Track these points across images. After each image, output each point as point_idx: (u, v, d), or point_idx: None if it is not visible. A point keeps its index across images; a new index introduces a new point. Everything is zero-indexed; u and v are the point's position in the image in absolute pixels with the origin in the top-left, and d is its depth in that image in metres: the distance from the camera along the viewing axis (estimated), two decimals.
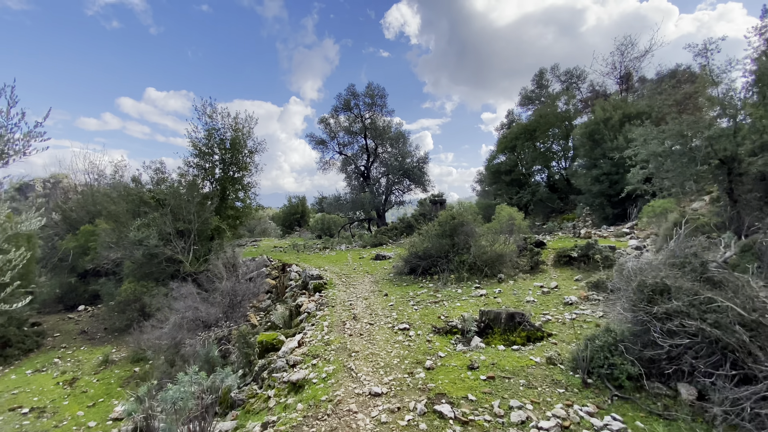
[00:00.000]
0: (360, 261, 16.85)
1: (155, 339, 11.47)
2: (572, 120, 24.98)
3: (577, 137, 20.03)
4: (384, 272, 13.89)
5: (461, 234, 12.02)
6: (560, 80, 33.76)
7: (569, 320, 7.57)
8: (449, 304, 9.06)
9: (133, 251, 15.00)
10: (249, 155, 17.98)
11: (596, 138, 19.32)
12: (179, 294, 12.67)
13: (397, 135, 27.32)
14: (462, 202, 12.95)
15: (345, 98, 26.38)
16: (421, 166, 27.21)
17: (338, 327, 7.84)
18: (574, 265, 11.85)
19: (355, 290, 11.38)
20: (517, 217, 12.56)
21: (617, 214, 19.33)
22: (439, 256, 12.30)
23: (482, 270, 11.39)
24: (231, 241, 16.84)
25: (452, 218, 11.98)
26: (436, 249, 12.22)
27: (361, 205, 28.15)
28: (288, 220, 38.70)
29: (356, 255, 18.95)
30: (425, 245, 12.40)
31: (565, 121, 24.76)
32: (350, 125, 27.30)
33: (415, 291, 10.63)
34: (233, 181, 17.89)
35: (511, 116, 37.09)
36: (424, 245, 12.43)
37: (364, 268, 14.98)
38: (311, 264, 16.97)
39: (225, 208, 16.92)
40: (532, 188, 24.16)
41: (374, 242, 22.61)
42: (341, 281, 12.97)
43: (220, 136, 17.29)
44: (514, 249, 11.99)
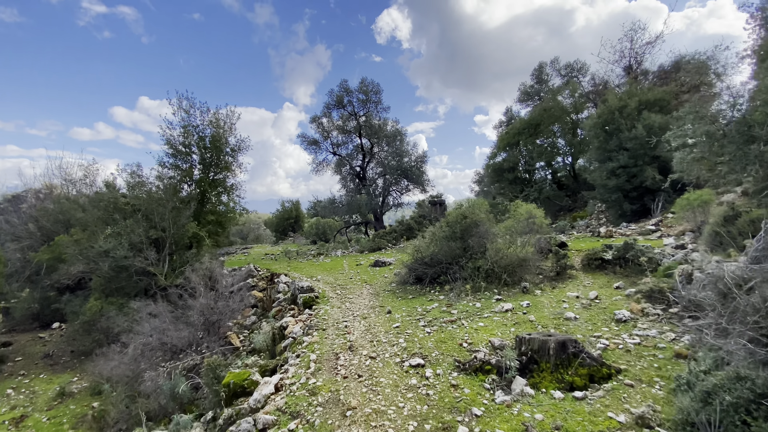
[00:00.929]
0: (357, 268, 14.89)
1: (111, 369, 9.43)
2: (579, 112, 23.22)
3: (588, 129, 18.23)
4: (385, 281, 11.94)
5: (474, 236, 10.09)
6: (560, 74, 32.06)
7: (633, 346, 5.66)
8: (469, 324, 7.11)
9: (98, 263, 12.95)
10: (231, 154, 16.03)
11: (610, 128, 17.52)
12: (146, 314, 10.64)
13: (394, 133, 25.45)
14: (471, 200, 11.07)
15: (338, 94, 24.51)
16: (420, 165, 25.36)
17: (329, 362, 5.88)
18: (607, 269, 9.96)
19: (352, 305, 9.42)
20: (538, 215, 10.68)
21: (635, 210, 17.50)
22: (449, 262, 10.37)
23: (501, 278, 9.46)
24: (212, 250, 14.83)
25: (463, 217, 10.07)
26: (445, 254, 10.29)
27: (358, 208, 26.21)
28: (281, 226, 36.65)
29: (353, 261, 16.99)
30: (432, 250, 10.47)
31: (571, 114, 23.01)
32: (344, 123, 25.43)
33: (424, 306, 8.67)
34: (214, 183, 15.92)
35: (510, 113, 35.37)
36: (430, 250, 10.50)
37: (362, 277, 13.02)
38: (303, 273, 14.98)
39: (204, 213, 14.92)
40: (539, 185, 22.32)
41: (372, 247, 20.66)
42: (336, 294, 11.00)
43: (199, 133, 15.33)
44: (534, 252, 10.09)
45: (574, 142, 22.82)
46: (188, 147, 15.16)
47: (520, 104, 33.82)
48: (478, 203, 10.76)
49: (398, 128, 25.69)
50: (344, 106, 25.20)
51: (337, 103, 24.89)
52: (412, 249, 11.07)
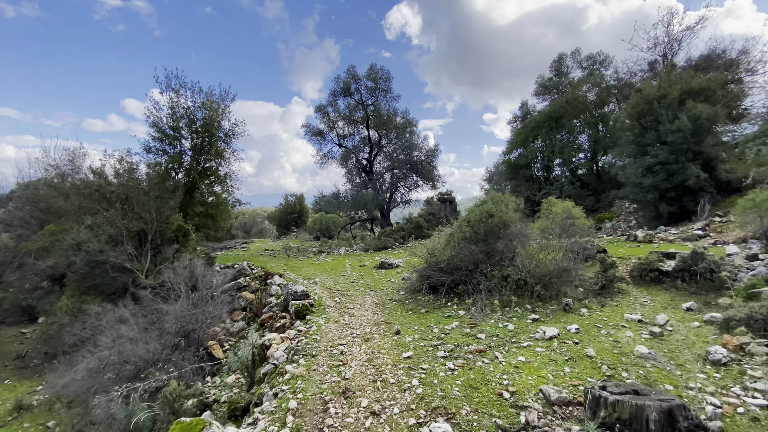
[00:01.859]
0: (361, 270, 13.08)
1: (63, 387, 7.74)
2: (605, 105, 21.10)
3: (620, 121, 16.14)
4: (391, 288, 10.11)
5: (502, 238, 8.21)
6: (581, 66, 29.90)
7: (759, 410, 3.78)
8: (505, 357, 5.25)
9: (69, 257, 11.30)
10: (225, 139, 14.29)
11: (647, 120, 15.46)
12: (113, 319, 8.94)
13: (404, 124, 23.53)
14: (495, 195, 9.17)
15: (345, 81, 22.62)
16: (431, 160, 23.43)
17: (313, 416, 4.06)
18: (665, 283, 8.04)
19: (352, 319, 7.61)
20: (578, 215, 8.76)
21: (673, 212, 15.44)
22: (469, 269, 8.51)
23: (534, 290, 7.58)
24: (199, 245, 13.12)
25: (488, 216, 8.19)
26: (465, 259, 8.42)
27: (363, 204, 24.39)
28: (284, 220, 34.97)
29: (356, 261, 15.18)
30: (449, 253, 8.61)
31: (597, 107, 20.90)
32: (351, 113, 23.56)
33: (442, 324, 6.83)
34: (205, 171, 14.19)
35: (526, 107, 33.20)
36: (447, 253, 8.64)
37: (366, 281, 11.21)
38: (300, 273, 13.21)
39: (193, 204, 13.20)
40: (560, 183, 20.28)
41: (378, 246, 18.85)
42: (334, 302, 9.20)
43: (190, 115, 13.57)
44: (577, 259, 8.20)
45: (599, 137, 20.73)
46: (177, 131, 13.43)
47: (537, 98, 31.67)
48: (505, 199, 8.85)
49: (408, 119, 23.78)
50: (351, 94, 23.30)
51: (344, 91, 23.00)
52: (425, 251, 9.21)
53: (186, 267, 10.18)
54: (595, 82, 22.93)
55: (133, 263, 12.03)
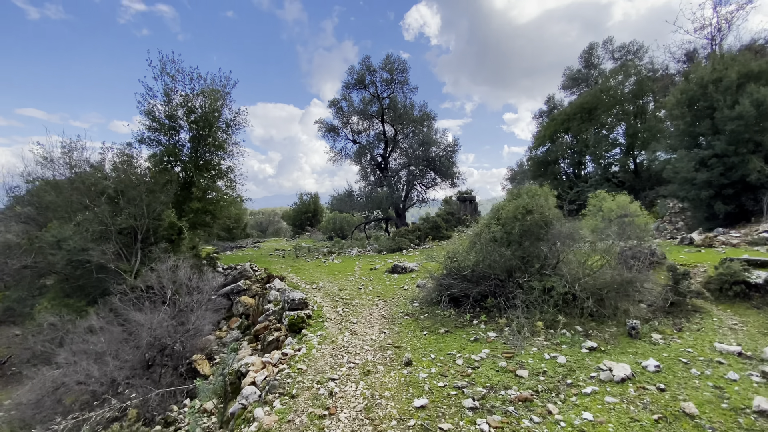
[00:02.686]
0: (371, 274, 11.52)
1: (10, 411, 6.47)
2: (643, 96, 18.89)
3: (669, 108, 14.06)
4: (404, 297, 8.51)
5: (543, 240, 6.51)
6: (613, 57, 27.59)
7: None
8: (563, 412, 3.59)
9: (48, 257, 10.19)
10: (225, 130, 12.99)
11: (700, 106, 13.34)
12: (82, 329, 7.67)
13: (422, 117, 21.85)
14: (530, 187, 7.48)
15: (359, 72, 21.13)
16: (450, 156, 21.71)
17: None
18: (754, 299, 6.17)
19: (353, 339, 6.06)
20: (638, 212, 6.97)
21: (730, 212, 13.28)
22: (500, 278, 6.83)
23: (584, 307, 5.85)
24: (195, 244, 11.84)
25: (525, 212, 6.50)
26: (493, 265, 6.75)
27: (378, 203, 22.86)
28: (299, 220, 33.82)
29: (367, 264, 13.64)
30: (474, 258, 6.95)
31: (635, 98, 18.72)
32: (365, 107, 22.10)
33: (466, 351, 5.20)
34: (205, 165, 12.94)
35: (552, 102, 31.06)
36: (472, 258, 6.99)
37: (375, 288, 9.64)
38: (304, 276, 11.77)
39: (190, 199, 11.94)
40: (594, 180, 18.21)
41: (392, 247, 17.27)
42: (335, 313, 7.68)
43: (188, 103, 12.35)
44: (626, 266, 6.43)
45: (637, 129, 18.54)
46: (174, 120, 12.22)
47: (565, 91, 29.49)
48: (543, 192, 7.14)
49: (426, 112, 22.08)
50: (366, 87, 21.81)
51: (358, 82, 21.52)
52: (444, 255, 7.58)
53: (170, 270, 8.85)
54: (633, 70, 20.69)
55: (121, 263, 10.84)
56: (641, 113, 18.99)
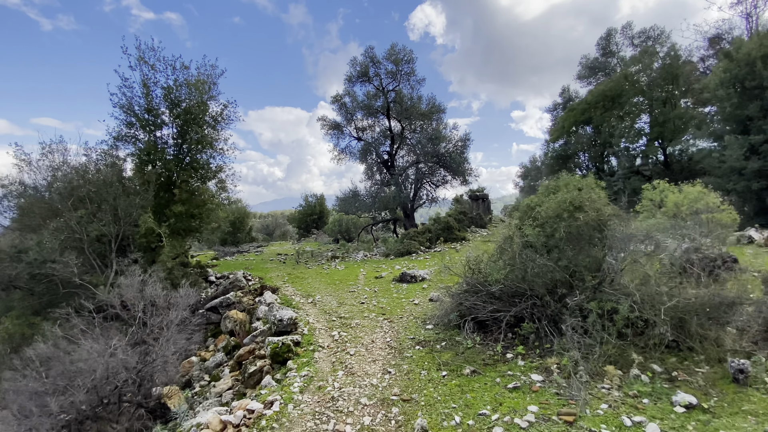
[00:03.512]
0: (376, 284, 9.96)
1: None
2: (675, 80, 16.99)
3: (712, 88, 12.22)
4: (414, 314, 6.94)
5: (594, 245, 4.88)
6: (633, 44, 25.63)
7: None
8: None
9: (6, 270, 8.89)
10: (212, 125, 11.58)
11: (749, 87, 11.51)
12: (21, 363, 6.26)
13: (430, 110, 20.24)
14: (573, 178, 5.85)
15: (362, 63, 19.60)
16: (462, 151, 20.04)
17: None
18: None
19: (347, 382, 4.51)
20: (714, 204, 5.30)
21: None
22: (538, 295, 5.21)
23: (662, 337, 4.20)
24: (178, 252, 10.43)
25: (573, 209, 4.87)
26: (530, 279, 5.13)
27: (385, 203, 21.32)
28: (304, 222, 32.46)
29: (372, 271, 12.10)
30: (503, 269, 5.35)
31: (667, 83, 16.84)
32: (369, 102, 20.59)
33: (503, 409, 3.61)
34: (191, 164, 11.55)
35: (567, 93, 29.20)
36: (500, 269, 5.37)
37: (380, 301, 8.08)
38: (300, 287, 10.29)
39: (172, 202, 10.54)
40: (623, 173, 16.38)
41: (400, 250, 15.69)
42: (329, 339, 6.14)
43: (171, 96, 10.97)
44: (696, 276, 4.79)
45: (668, 117, 16.66)
46: (155, 114, 10.85)
47: (581, 81, 27.57)
48: (589, 183, 5.52)
49: (435, 104, 20.45)
50: (370, 80, 20.27)
51: (361, 75, 19.99)
52: (464, 265, 5.99)
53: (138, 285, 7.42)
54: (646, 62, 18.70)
55: (94, 275, 9.49)
56: (671, 99, 17.09)
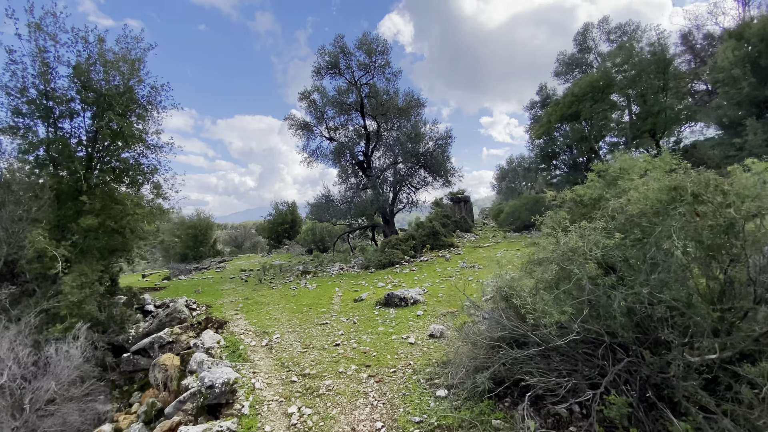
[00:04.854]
0: (354, 309, 7.60)
1: None
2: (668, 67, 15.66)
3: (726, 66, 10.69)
4: (412, 365, 4.64)
5: (724, 261, 2.73)
6: (609, 39, 24.70)
7: None
8: None
9: None
10: (142, 114, 8.92)
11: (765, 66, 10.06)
12: None
13: (408, 105, 18.16)
14: (635, 158, 3.83)
15: (331, 54, 17.25)
16: (444, 148, 18.06)
17: None
18: None
19: None
20: None
21: None
22: (618, 344, 3.01)
23: None
24: (92, 279, 7.67)
25: (694, 200, 2.72)
26: (611, 321, 2.94)
27: (362, 209, 19.01)
28: (275, 232, 29.57)
29: (350, 290, 9.73)
30: (568, 308, 3.11)
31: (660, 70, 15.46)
32: (341, 97, 18.32)
33: None
34: (110, 163, 8.84)
35: (544, 91, 28.00)
36: (563, 308, 3.14)
37: (361, 340, 5.72)
38: (257, 319, 7.77)
39: (81, 214, 7.80)
40: None
41: (381, 261, 13.39)
42: (284, 422, 3.72)
43: (82, 77, 8.26)
44: None
45: (663, 106, 15.27)
46: (56, 99, 8.12)
47: (558, 79, 26.43)
48: (667, 162, 3.46)
49: (415, 97, 18.38)
50: (341, 72, 17.97)
51: (331, 66, 17.66)
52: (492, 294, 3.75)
53: None
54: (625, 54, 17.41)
55: None
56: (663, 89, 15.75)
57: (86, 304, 7.85)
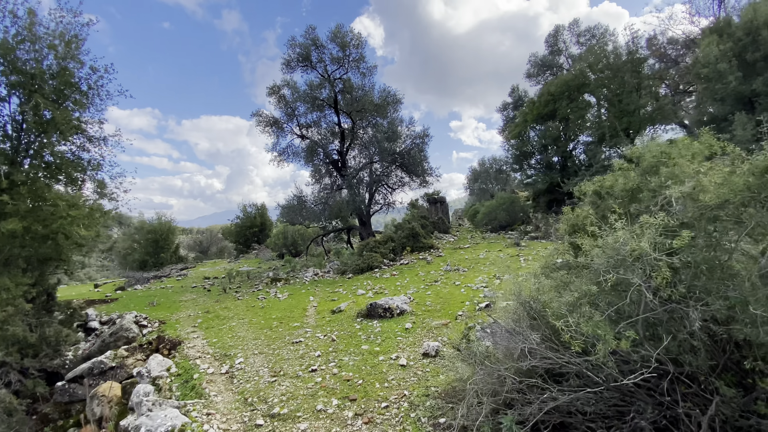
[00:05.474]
0: (332, 323, 6.62)
1: None
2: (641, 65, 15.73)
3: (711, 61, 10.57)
4: (408, 396, 3.75)
5: None
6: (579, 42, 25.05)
7: None
8: None
9: None
10: (77, 99, 7.55)
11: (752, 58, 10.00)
12: None
13: (384, 101, 17.33)
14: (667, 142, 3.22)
15: (303, 45, 16.12)
16: (421, 147, 17.36)
17: None
18: None
19: None
20: None
21: None
22: (686, 376, 2.26)
23: None
24: (14, 295, 6.28)
25: None
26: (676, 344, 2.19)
27: (337, 210, 18.00)
28: (243, 236, 27.85)
29: (327, 299, 8.74)
30: (629, 334, 2.34)
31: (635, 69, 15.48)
32: (313, 92, 17.23)
33: None
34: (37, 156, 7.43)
35: (517, 92, 28.10)
36: (612, 334, 2.35)
37: (342, 365, 4.77)
38: (217, 338, 6.64)
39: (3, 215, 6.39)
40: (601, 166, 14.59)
41: (359, 265, 12.43)
42: None
43: (9, 56, 6.84)
44: None
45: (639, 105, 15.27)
46: None
47: (530, 80, 26.53)
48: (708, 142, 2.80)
49: (391, 93, 17.56)
50: (313, 66, 16.89)
51: (302, 59, 16.54)
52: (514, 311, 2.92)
53: None
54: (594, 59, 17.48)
55: None
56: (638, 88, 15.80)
57: (9, 324, 6.47)
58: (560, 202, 16.76)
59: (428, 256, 12.91)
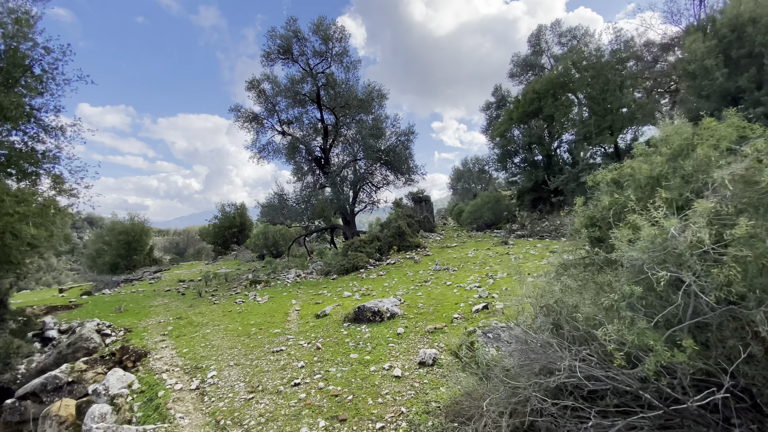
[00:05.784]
0: (316, 329, 6.08)
1: None
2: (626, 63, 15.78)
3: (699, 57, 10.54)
4: (406, 414, 3.28)
5: None
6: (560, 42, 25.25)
7: None
8: None
9: None
10: (29, 83, 6.75)
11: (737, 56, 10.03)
12: None
13: (369, 96, 16.81)
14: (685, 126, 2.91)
15: (283, 37, 15.41)
16: (407, 145, 16.94)
17: None
18: None
19: None
20: None
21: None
22: (739, 389, 1.87)
23: None
24: None
25: None
26: None
27: (320, 210, 17.35)
28: (221, 237, 26.76)
29: (310, 302, 8.18)
30: (690, 344, 1.93)
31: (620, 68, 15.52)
32: (294, 86, 16.55)
33: None
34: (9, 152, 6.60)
35: (499, 92, 28.13)
36: (668, 347, 1.94)
37: (329, 379, 4.25)
38: (189, 347, 5.98)
39: None
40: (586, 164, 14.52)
41: (344, 266, 11.89)
42: None
43: None
44: None
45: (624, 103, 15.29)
46: None
47: (513, 80, 26.57)
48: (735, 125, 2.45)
49: (376, 89, 17.05)
50: (294, 59, 16.21)
51: (282, 51, 15.83)
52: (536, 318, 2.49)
53: None
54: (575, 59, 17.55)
55: None
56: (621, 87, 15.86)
57: None
58: (545, 200, 16.67)
59: (416, 255, 12.49)
